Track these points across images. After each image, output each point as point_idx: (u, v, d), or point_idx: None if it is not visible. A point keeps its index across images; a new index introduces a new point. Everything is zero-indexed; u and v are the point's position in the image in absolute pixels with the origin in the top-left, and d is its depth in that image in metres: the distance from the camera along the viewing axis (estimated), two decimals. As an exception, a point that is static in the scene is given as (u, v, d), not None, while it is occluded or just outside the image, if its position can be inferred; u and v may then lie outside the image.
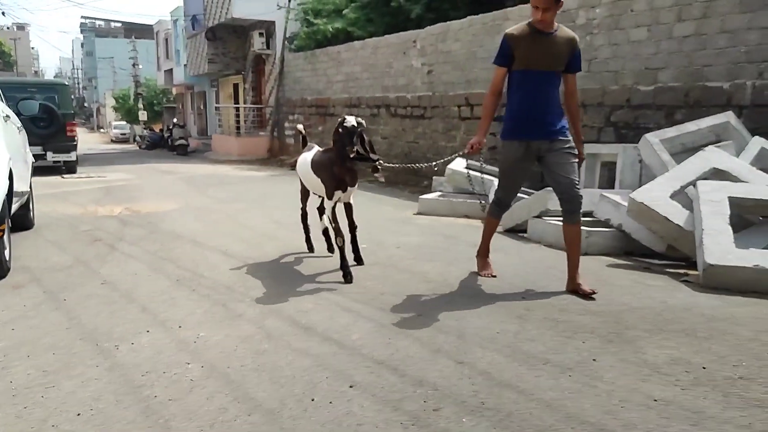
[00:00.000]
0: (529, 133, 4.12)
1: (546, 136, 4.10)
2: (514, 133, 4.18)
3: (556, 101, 4.15)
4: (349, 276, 4.44)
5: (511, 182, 4.42)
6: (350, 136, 4.28)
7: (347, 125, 4.32)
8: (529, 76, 4.08)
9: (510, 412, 2.42)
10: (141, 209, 8.47)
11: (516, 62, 4.08)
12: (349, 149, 4.27)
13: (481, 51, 10.37)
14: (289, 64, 18.46)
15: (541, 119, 4.10)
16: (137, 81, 41.72)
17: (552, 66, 4.08)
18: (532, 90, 4.09)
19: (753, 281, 4.14)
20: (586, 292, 4.06)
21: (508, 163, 4.32)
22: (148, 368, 2.92)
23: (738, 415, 2.38)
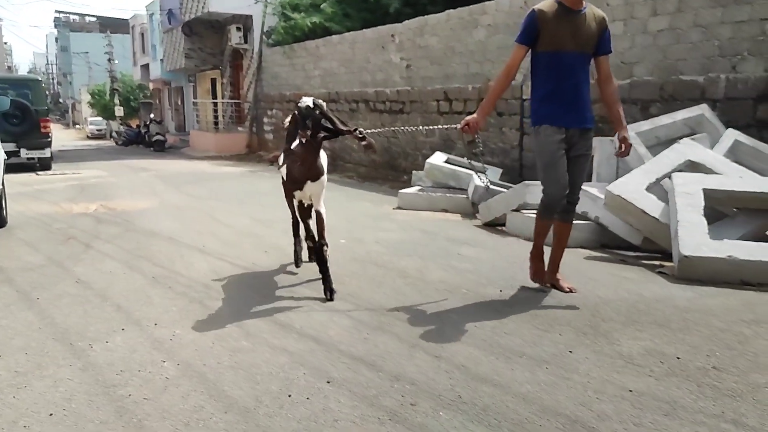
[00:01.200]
0: (566, 119, 3.75)
1: (579, 124, 3.79)
2: (552, 119, 3.75)
3: (587, 87, 3.82)
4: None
5: (556, 172, 3.79)
6: (303, 119, 3.72)
7: (301, 106, 3.75)
8: (558, 58, 3.69)
9: (486, 406, 2.43)
10: (116, 207, 8.36)
11: (542, 42, 3.70)
12: (301, 132, 3.69)
13: (458, 45, 10.38)
14: (267, 58, 18.32)
15: (575, 105, 3.76)
16: (113, 76, 41.14)
17: (582, 47, 3.72)
18: (564, 73, 3.71)
19: (726, 272, 4.20)
20: (564, 288, 4.01)
21: (550, 150, 3.78)
22: (122, 367, 2.88)
23: (710, 405, 2.41)
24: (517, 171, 8.98)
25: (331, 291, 3.94)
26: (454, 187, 8.07)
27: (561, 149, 3.77)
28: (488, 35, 9.72)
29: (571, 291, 3.98)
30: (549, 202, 3.88)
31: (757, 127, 6.24)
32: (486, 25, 9.76)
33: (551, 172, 3.81)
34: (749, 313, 3.55)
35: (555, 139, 3.75)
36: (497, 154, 9.42)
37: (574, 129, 3.77)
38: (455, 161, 8.67)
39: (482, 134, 9.94)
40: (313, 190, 4.10)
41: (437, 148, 10.10)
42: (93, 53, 52.50)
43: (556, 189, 3.81)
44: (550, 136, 3.76)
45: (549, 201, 3.87)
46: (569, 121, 3.76)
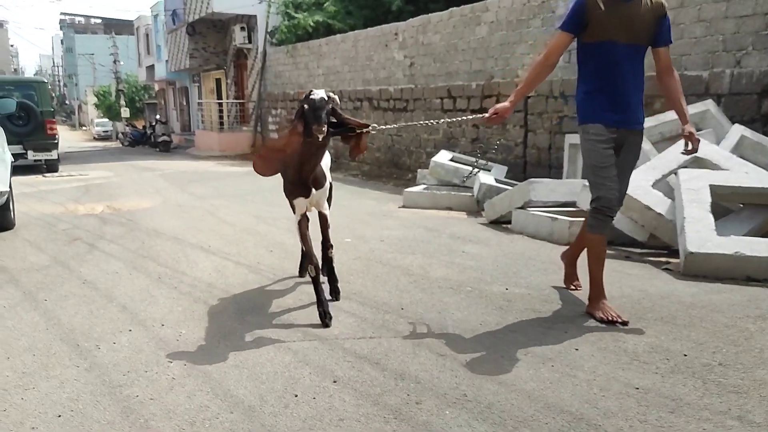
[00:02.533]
0: (617, 117, 3.37)
1: (631, 124, 3.42)
2: (602, 117, 3.38)
3: (640, 84, 3.43)
4: (327, 317, 3.43)
5: (608, 172, 3.40)
6: (317, 111, 3.24)
7: (314, 98, 3.27)
8: (610, 49, 3.31)
9: (491, 403, 2.43)
10: (122, 207, 8.39)
11: (591, 31, 3.32)
12: (317, 128, 3.20)
13: (461, 43, 10.36)
14: (271, 58, 18.34)
15: (625, 104, 3.38)
16: (118, 77, 41.22)
17: (635, 39, 3.33)
18: (614, 67, 3.34)
19: (733, 268, 4.18)
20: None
21: (599, 150, 3.38)
22: (128, 368, 2.89)
23: (716, 402, 2.40)
24: (521, 168, 8.96)
25: (336, 292, 3.84)
26: (459, 185, 8.07)
27: (611, 149, 3.40)
28: (491, 32, 9.70)
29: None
30: (602, 210, 3.41)
31: (762, 121, 6.20)
32: (489, 22, 9.74)
33: (603, 175, 3.39)
34: (755, 309, 3.53)
35: (604, 137, 3.38)
36: (501, 151, 9.40)
37: (623, 130, 3.39)
38: (460, 159, 8.66)
39: (486, 131, 9.96)
40: (317, 198, 3.72)
41: (441, 146, 10.10)
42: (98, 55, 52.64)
43: (610, 193, 3.38)
44: (600, 135, 3.38)
45: (602, 208, 3.41)
46: (618, 121, 3.38)
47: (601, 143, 3.39)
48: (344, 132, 3.49)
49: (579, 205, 5.77)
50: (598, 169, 3.41)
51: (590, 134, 3.42)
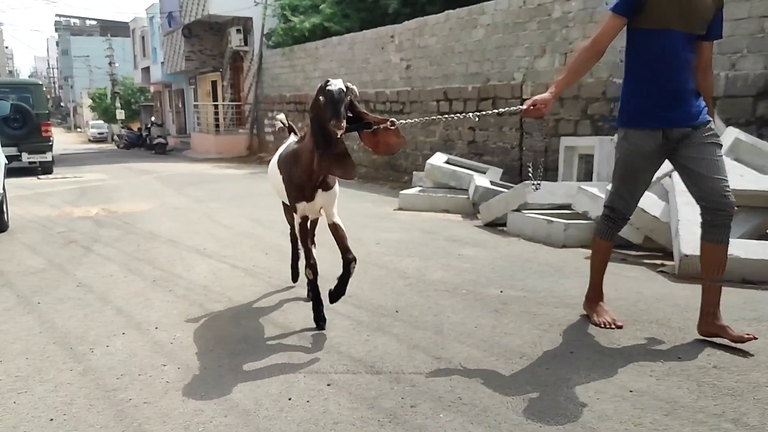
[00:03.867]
0: (667, 117, 3.01)
1: (688, 121, 3.02)
2: (646, 118, 3.05)
3: (692, 77, 3.08)
4: (322, 320, 3.39)
5: (633, 186, 3.22)
6: (335, 105, 2.88)
7: (332, 89, 2.91)
8: (665, 37, 2.97)
9: (486, 407, 2.43)
10: (117, 210, 8.37)
11: (647, 17, 2.97)
12: (336, 124, 2.84)
13: (457, 45, 10.37)
14: (267, 60, 18.34)
15: (682, 98, 3.02)
16: (114, 80, 41.21)
17: (692, 27, 2.99)
18: (670, 58, 2.98)
19: (728, 270, 4.09)
20: (736, 337, 2.96)
21: (634, 160, 3.15)
22: (123, 371, 2.88)
23: (711, 404, 2.40)
24: (516, 171, 8.97)
25: (337, 296, 3.34)
26: (455, 187, 8.07)
27: (651, 158, 3.11)
28: (487, 35, 9.72)
29: (750, 338, 2.96)
30: (613, 219, 3.29)
31: (757, 124, 6.23)
32: (485, 25, 9.75)
33: (625, 187, 3.22)
34: (750, 311, 3.54)
35: (645, 144, 3.06)
36: (497, 153, 9.41)
37: (678, 129, 3.02)
38: (456, 161, 8.67)
39: (483, 133, 9.97)
40: (324, 201, 3.31)
41: (437, 148, 10.10)
42: (94, 57, 52.58)
43: (626, 208, 3.26)
44: (638, 141, 3.08)
45: (614, 218, 3.29)
46: (670, 120, 3.01)
47: (638, 155, 3.10)
48: (361, 128, 3.13)
49: (574, 207, 5.79)
50: (624, 179, 3.21)
51: (629, 141, 3.11)
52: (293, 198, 3.32)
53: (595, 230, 3.51)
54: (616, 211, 3.28)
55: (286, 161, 3.38)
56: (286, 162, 3.37)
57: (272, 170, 3.69)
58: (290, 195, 3.35)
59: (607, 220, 3.34)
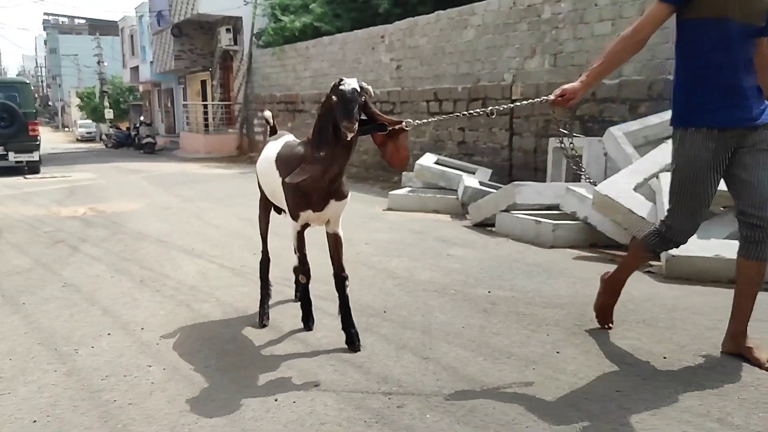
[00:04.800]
0: (724, 115, 2.71)
1: (749, 121, 2.73)
2: (703, 117, 2.73)
3: (753, 72, 2.77)
4: (311, 320, 3.36)
5: (694, 199, 2.82)
6: (348, 105, 2.68)
7: (345, 88, 2.71)
8: (719, 29, 2.67)
9: (473, 407, 2.42)
10: (105, 209, 8.31)
11: (699, 5, 2.68)
12: (348, 125, 2.64)
13: (448, 46, 10.38)
14: (257, 60, 18.28)
15: (740, 95, 2.73)
16: (102, 79, 40.95)
17: (753, 17, 2.68)
18: (728, 52, 2.69)
19: (713, 271, 4.21)
20: (761, 361, 2.76)
21: (693, 166, 2.77)
22: (108, 372, 2.86)
23: (697, 404, 2.41)
24: (506, 171, 8.99)
25: (355, 336, 3.08)
26: (445, 187, 8.07)
27: (713, 163, 2.75)
28: (477, 35, 9.73)
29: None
30: (667, 236, 2.94)
31: (744, 126, 6.26)
32: (476, 26, 9.77)
33: (686, 198, 2.82)
34: (736, 311, 3.55)
35: (703, 147, 2.73)
36: (487, 154, 9.43)
37: (739, 129, 2.73)
38: (445, 162, 8.67)
39: (473, 134, 9.98)
40: (334, 212, 3.06)
41: (427, 149, 10.10)
42: (82, 55, 52.26)
43: (684, 224, 2.88)
44: (695, 144, 2.74)
45: (668, 235, 2.93)
46: (730, 119, 2.72)
47: (700, 155, 2.74)
48: (374, 130, 2.92)
49: (562, 208, 5.80)
50: (684, 189, 2.82)
51: (685, 146, 2.78)
52: (295, 205, 3.01)
53: (641, 243, 3.10)
54: (673, 230, 2.91)
55: (290, 163, 2.99)
56: (290, 164, 2.98)
57: (266, 169, 3.36)
58: (292, 201, 3.02)
59: (658, 236, 2.96)
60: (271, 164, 3.25)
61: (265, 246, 3.68)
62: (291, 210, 3.07)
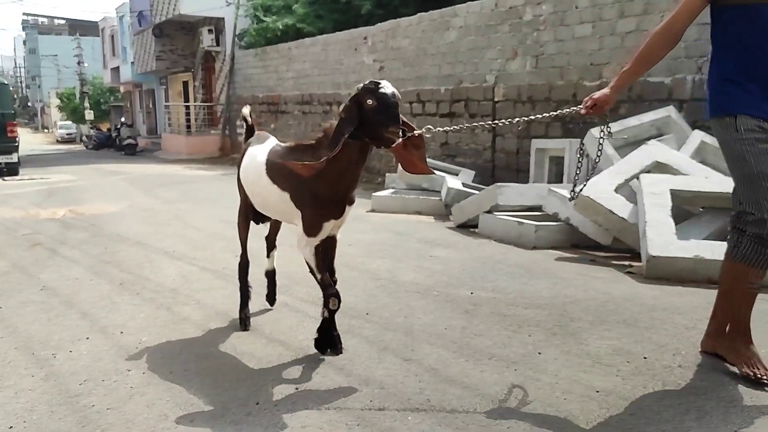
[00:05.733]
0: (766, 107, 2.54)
1: None
2: (748, 105, 2.55)
3: None
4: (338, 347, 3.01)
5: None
6: (392, 109, 2.52)
7: (387, 92, 2.53)
8: (760, 15, 2.50)
9: (454, 408, 2.43)
10: (85, 211, 8.22)
11: None
12: (395, 130, 2.51)
13: (430, 47, 10.40)
14: (240, 61, 18.20)
15: None
16: (83, 79, 40.52)
17: None
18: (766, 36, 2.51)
19: (693, 271, 4.25)
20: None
21: (756, 150, 2.52)
22: (86, 376, 2.82)
23: (675, 403, 2.43)
24: (489, 172, 9.02)
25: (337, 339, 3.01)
26: (428, 189, 8.09)
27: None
28: (459, 37, 9.76)
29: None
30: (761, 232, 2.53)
31: (722, 127, 6.34)
32: (458, 27, 9.80)
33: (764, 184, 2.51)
34: (714, 311, 3.59)
35: (760, 134, 2.52)
36: (469, 155, 9.46)
37: None
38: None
39: (456, 135, 10.00)
40: (346, 217, 2.96)
41: (410, 150, 10.09)
42: (62, 56, 51.69)
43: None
44: (756, 130, 2.52)
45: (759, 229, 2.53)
46: None
47: (758, 141, 2.51)
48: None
49: (545, 209, 5.83)
50: (760, 177, 2.50)
51: (742, 131, 2.54)
52: (319, 216, 2.79)
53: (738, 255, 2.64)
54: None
55: (291, 174, 2.78)
56: (291, 175, 2.79)
57: (254, 179, 3.14)
58: (313, 215, 2.80)
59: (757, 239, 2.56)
60: (260, 175, 3.06)
61: (244, 249, 3.59)
62: (312, 224, 2.81)
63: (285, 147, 3.11)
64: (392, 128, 2.51)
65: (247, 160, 3.31)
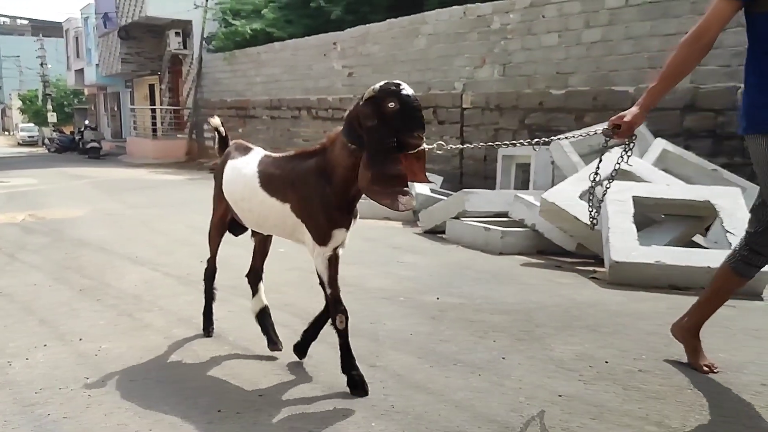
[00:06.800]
0: None
1: None
2: None
3: None
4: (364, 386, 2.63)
5: None
6: (418, 111, 2.38)
7: (410, 93, 2.36)
8: None
9: (419, 414, 2.42)
10: (46, 216, 8.03)
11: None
12: (420, 136, 2.37)
13: (400, 54, 10.44)
14: (208, 64, 18.02)
15: None
16: (46, 81, 39.70)
17: None
18: None
19: (655, 277, 4.33)
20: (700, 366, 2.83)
21: None
22: (43, 385, 2.74)
23: (636, 408, 2.46)
24: (457, 179, 9.08)
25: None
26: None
27: None
28: (429, 44, 9.83)
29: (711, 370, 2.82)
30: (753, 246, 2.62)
31: (684, 136, 6.50)
32: (427, 35, 9.87)
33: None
34: (675, 316, 3.62)
35: None
36: (438, 161, 9.51)
37: None
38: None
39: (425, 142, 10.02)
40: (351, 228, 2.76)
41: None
42: (24, 57, 50.54)
43: None
44: None
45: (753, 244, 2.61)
46: None
47: None
48: None
49: (512, 215, 5.89)
50: None
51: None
52: (329, 223, 2.61)
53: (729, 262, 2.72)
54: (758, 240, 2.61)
55: (304, 181, 2.65)
56: (304, 182, 2.65)
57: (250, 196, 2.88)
58: (325, 219, 2.61)
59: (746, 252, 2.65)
60: (253, 190, 2.84)
61: (214, 258, 3.45)
62: (322, 232, 2.63)
63: (283, 156, 2.87)
64: (419, 132, 2.35)
65: (230, 173, 3.05)
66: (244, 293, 3.97)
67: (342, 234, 2.66)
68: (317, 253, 2.69)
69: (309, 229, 2.68)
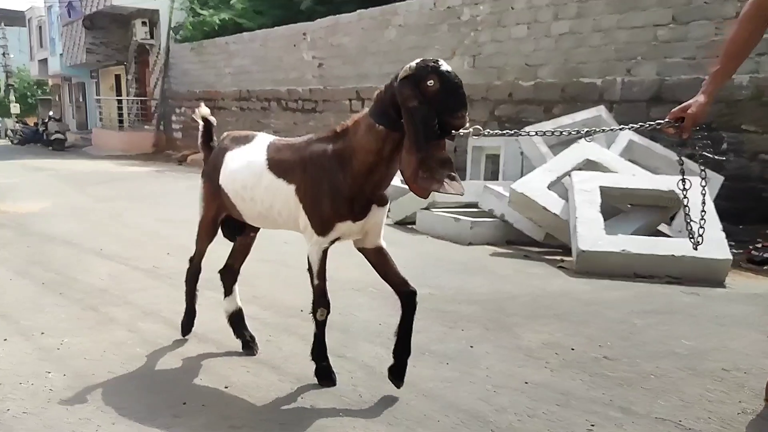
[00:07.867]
0: None
1: None
2: None
3: None
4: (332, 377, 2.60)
5: None
6: (461, 89, 2.21)
7: (450, 71, 2.22)
8: None
9: (387, 404, 2.42)
10: (9, 209, 7.83)
11: None
12: (463, 117, 2.21)
13: (371, 45, 10.40)
14: (175, 55, 17.73)
15: None
16: (8, 71, 38.70)
17: None
18: None
19: (621, 265, 4.40)
20: None
21: None
22: (2, 380, 2.67)
23: (601, 394, 2.50)
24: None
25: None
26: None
27: None
28: (400, 36, 9.80)
29: None
30: None
31: (650, 127, 6.58)
32: (397, 26, 9.84)
33: None
34: (641, 304, 3.73)
35: None
36: (409, 153, 9.50)
37: None
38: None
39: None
40: (378, 219, 2.58)
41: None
42: (-15, 46, 49.12)
43: None
44: None
45: None
46: None
47: None
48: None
49: (481, 205, 5.92)
50: None
51: None
52: (334, 213, 2.47)
53: None
54: None
55: (317, 165, 2.48)
56: (317, 166, 2.48)
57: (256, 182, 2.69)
58: (329, 209, 2.47)
59: None
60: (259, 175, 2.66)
61: (200, 258, 3.22)
62: (323, 221, 2.51)
63: (303, 140, 2.64)
64: (462, 112, 2.19)
65: (231, 163, 2.82)
66: (214, 287, 3.87)
67: (346, 227, 2.50)
68: (314, 242, 2.58)
69: (309, 215, 2.54)
